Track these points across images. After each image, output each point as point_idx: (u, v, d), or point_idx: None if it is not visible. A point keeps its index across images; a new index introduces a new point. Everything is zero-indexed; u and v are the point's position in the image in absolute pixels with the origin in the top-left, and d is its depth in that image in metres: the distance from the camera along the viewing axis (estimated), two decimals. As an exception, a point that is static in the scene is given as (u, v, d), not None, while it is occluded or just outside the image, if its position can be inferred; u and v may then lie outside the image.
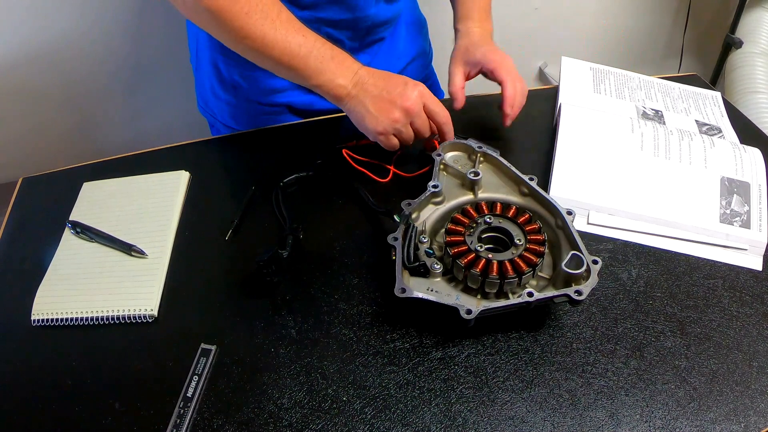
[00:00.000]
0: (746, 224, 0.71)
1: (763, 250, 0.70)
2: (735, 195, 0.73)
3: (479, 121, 0.83)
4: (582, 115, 0.82)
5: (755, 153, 0.78)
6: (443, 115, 0.73)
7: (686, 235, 0.71)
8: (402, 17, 0.95)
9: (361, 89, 0.71)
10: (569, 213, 0.64)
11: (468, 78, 0.83)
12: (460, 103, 0.80)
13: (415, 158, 0.80)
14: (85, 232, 0.72)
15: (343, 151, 0.79)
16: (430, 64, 1.08)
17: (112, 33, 1.31)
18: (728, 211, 0.72)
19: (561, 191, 0.74)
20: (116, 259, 0.70)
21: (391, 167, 0.78)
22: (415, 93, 0.70)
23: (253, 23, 0.66)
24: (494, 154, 0.71)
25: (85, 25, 1.27)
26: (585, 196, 0.74)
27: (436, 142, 0.76)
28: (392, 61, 0.95)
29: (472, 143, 0.80)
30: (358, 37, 0.87)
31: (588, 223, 0.72)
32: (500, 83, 0.79)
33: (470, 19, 0.86)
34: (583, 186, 0.74)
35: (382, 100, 0.70)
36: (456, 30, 0.88)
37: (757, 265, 0.69)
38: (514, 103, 0.78)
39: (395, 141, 0.72)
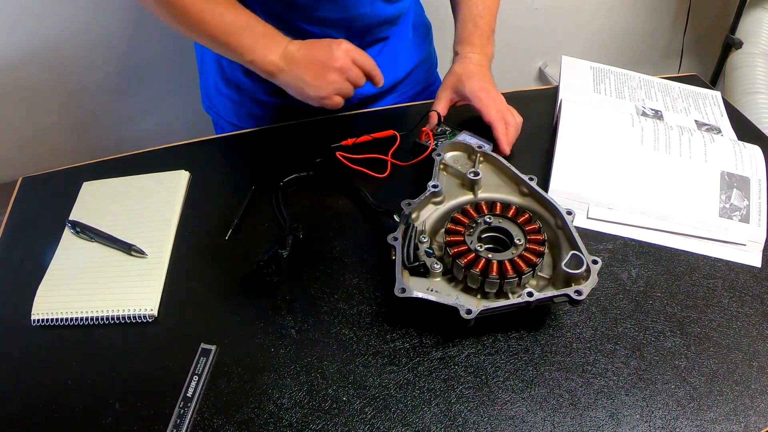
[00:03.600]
0: (745, 219, 0.71)
1: (762, 245, 0.70)
2: (735, 189, 0.73)
3: (478, 120, 0.83)
4: (582, 110, 0.83)
5: (755, 149, 0.78)
6: (369, 65, 0.76)
7: (685, 229, 0.71)
8: (407, 19, 0.94)
9: (291, 62, 0.73)
10: (569, 213, 0.64)
11: (453, 105, 0.84)
12: (433, 125, 0.82)
13: (411, 149, 0.80)
14: (85, 231, 0.72)
15: (337, 153, 0.79)
16: (435, 70, 1.07)
17: (112, 32, 1.31)
18: (728, 206, 0.72)
19: (561, 185, 0.74)
20: (116, 259, 0.70)
21: (389, 158, 0.78)
22: (341, 51, 0.73)
23: (192, 1, 0.70)
24: (487, 147, 0.71)
25: (84, 24, 1.27)
26: (585, 189, 0.74)
27: (430, 133, 0.79)
28: (397, 63, 0.94)
29: (466, 136, 0.81)
30: (355, 36, 0.87)
31: (588, 218, 0.72)
32: (489, 124, 0.79)
33: (470, 44, 0.85)
34: (583, 179, 0.74)
35: (315, 67, 0.73)
36: (455, 52, 0.87)
37: (756, 261, 0.69)
38: (509, 142, 0.79)
39: (339, 99, 0.75)
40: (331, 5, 0.81)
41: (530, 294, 0.57)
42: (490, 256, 0.59)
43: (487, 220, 0.63)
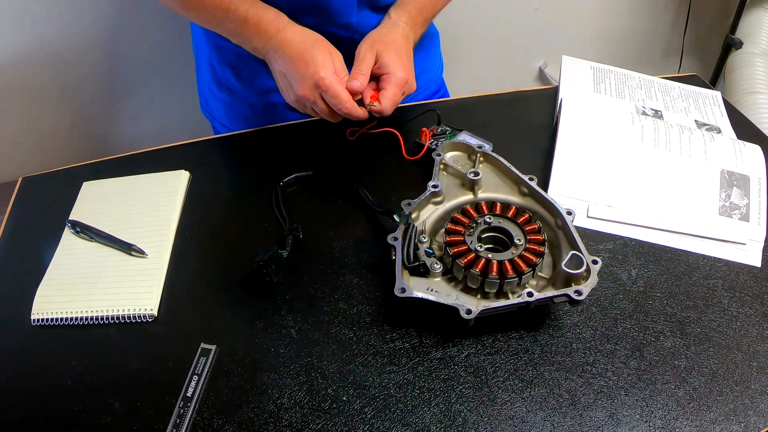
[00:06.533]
0: (745, 217, 0.71)
1: (762, 243, 0.70)
2: (735, 188, 0.73)
3: (478, 120, 0.83)
4: (582, 108, 0.83)
5: (755, 148, 0.78)
6: (341, 106, 0.70)
7: (685, 227, 0.71)
8: None
9: (272, 58, 0.74)
10: (569, 213, 0.64)
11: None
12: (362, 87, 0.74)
13: (411, 149, 0.80)
14: (85, 231, 0.72)
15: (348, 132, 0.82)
16: (441, 75, 1.05)
17: (112, 32, 1.31)
18: (727, 204, 0.72)
19: (561, 183, 0.74)
20: (116, 259, 0.70)
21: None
22: (310, 83, 0.70)
23: None
24: (487, 147, 0.71)
25: (85, 24, 1.27)
26: (585, 188, 0.74)
27: (429, 132, 0.79)
28: None
29: (466, 136, 0.81)
30: (344, 48, 0.84)
31: (587, 217, 0.73)
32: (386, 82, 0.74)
33: (408, 18, 0.80)
34: (583, 179, 0.75)
35: (284, 80, 0.73)
36: (388, 15, 0.81)
37: (756, 261, 0.69)
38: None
39: (309, 112, 0.75)
40: (311, 13, 0.78)
41: (530, 294, 0.57)
42: (490, 256, 0.59)
43: (487, 220, 0.63)
